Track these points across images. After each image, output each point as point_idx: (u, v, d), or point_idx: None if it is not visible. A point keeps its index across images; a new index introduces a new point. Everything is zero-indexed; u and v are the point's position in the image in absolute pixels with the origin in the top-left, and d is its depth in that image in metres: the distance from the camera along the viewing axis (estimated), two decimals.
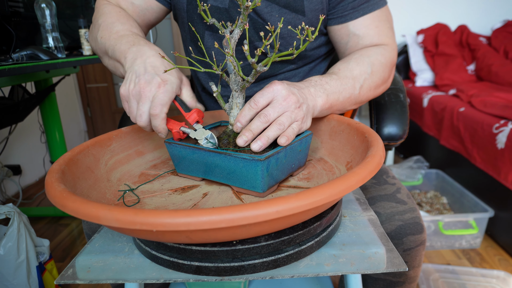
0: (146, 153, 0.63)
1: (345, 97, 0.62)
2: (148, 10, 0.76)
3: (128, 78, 0.53)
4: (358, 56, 0.66)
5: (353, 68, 0.64)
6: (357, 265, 0.42)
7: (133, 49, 0.56)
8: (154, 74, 0.51)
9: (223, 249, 0.39)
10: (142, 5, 0.75)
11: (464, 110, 1.69)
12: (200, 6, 0.48)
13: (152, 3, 0.75)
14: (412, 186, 1.84)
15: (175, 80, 0.53)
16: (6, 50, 1.19)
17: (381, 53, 0.68)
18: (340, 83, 0.61)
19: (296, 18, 0.69)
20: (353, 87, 0.63)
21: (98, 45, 0.66)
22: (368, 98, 0.68)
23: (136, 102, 0.51)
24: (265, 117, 0.49)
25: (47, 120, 1.71)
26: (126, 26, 0.65)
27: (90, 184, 0.50)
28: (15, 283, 0.99)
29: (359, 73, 0.64)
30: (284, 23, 0.70)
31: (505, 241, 1.43)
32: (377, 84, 0.68)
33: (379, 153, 0.42)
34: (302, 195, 0.33)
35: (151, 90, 0.50)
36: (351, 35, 0.71)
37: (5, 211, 1.00)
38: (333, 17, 0.71)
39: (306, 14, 0.69)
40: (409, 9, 2.48)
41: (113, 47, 0.60)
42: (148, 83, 0.50)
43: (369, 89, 0.66)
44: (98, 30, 0.66)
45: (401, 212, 0.61)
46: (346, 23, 0.70)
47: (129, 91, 0.52)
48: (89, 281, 0.41)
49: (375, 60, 0.66)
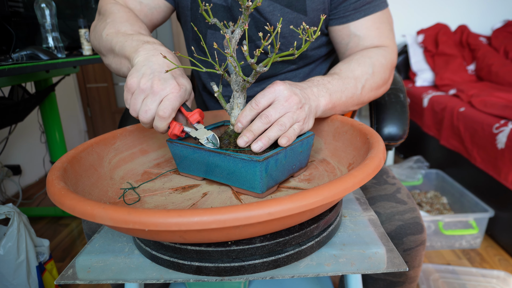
0: (150, 151, 0.63)
1: (347, 97, 0.61)
2: (156, 9, 0.75)
3: (140, 71, 0.50)
4: (359, 57, 0.66)
5: (354, 68, 0.64)
6: (357, 265, 0.42)
7: (148, 46, 0.55)
8: (171, 76, 0.50)
9: (218, 249, 0.39)
10: (150, 4, 0.74)
11: (464, 110, 1.69)
12: (202, 6, 0.48)
13: (160, 2, 0.75)
14: (412, 186, 1.84)
15: (189, 87, 0.52)
16: (6, 50, 1.19)
17: (382, 54, 0.68)
18: (342, 83, 0.61)
19: (298, 17, 0.69)
20: (355, 87, 0.63)
21: (103, 42, 0.64)
22: (370, 98, 0.68)
23: (143, 96, 0.50)
24: (266, 117, 0.49)
25: (47, 120, 1.71)
26: (135, 27, 0.64)
27: (92, 181, 0.50)
28: (15, 283, 0.99)
29: (360, 74, 0.64)
30: (285, 23, 0.70)
31: (505, 241, 1.43)
32: (378, 85, 0.68)
33: (379, 156, 0.42)
34: (296, 197, 0.33)
35: (165, 89, 0.49)
36: (352, 36, 0.71)
37: (5, 211, 1.00)
38: (334, 18, 0.71)
39: (308, 13, 0.69)
40: (409, 9, 2.48)
41: (123, 43, 0.59)
42: (163, 82, 0.49)
43: (370, 89, 0.66)
44: (105, 28, 0.65)
45: (401, 212, 0.61)
46: (347, 23, 0.70)
47: (139, 84, 0.49)
48: (89, 281, 0.41)
49: (376, 61, 0.66)
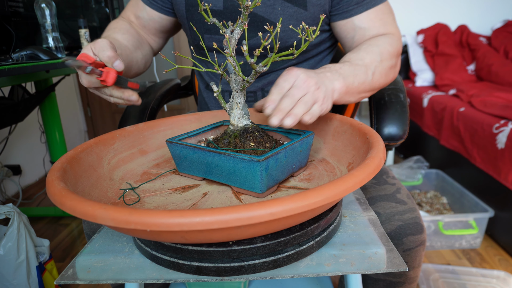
0: (149, 152, 0.63)
1: (359, 82, 0.63)
2: (151, 20, 0.84)
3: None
4: (367, 46, 0.68)
5: (363, 57, 0.66)
6: (357, 265, 0.42)
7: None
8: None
9: (219, 249, 0.39)
10: (145, 17, 0.84)
11: (464, 110, 1.69)
12: (201, 6, 0.48)
13: (153, 14, 0.83)
14: (412, 186, 1.84)
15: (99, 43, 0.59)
16: (6, 50, 1.19)
17: (388, 42, 0.70)
18: (353, 69, 0.63)
19: (298, 12, 0.70)
20: (365, 73, 0.64)
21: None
22: (381, 85, 0.70)
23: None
24: (292, 97, 0.51)
25: (47, 120, 1.71)
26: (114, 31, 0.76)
27: (92, 182, 0.50)
28: (15, 283, 0.99)
29: (370, 61, 0.66)
30: (285, 17, 0.71)
31: (505, 241, 1.43)
32: (387, 72, 0.70)
33: (379, 155, 0.42)
34: (297, 197, 0.33)
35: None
36: (357, 29, 0.72)
37: (5, 211, 1.00)
38: (337, 13, 0.72)
39: (308, 8, 0.71)
40: (409, 9, 2.48)
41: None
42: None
43: (380, 76, 0.68)
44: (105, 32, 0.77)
45: (401, 212, 0.61)
46: (351, 18, 0.72)
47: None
48: (89, 281, 0.41)
49: (383, 49, 0.68)
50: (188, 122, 0.71)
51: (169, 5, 0.81)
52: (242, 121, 0.53)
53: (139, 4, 0.83)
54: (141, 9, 0.83)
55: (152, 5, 0.82)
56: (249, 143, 0.51)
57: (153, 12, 0.82)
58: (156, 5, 0.81)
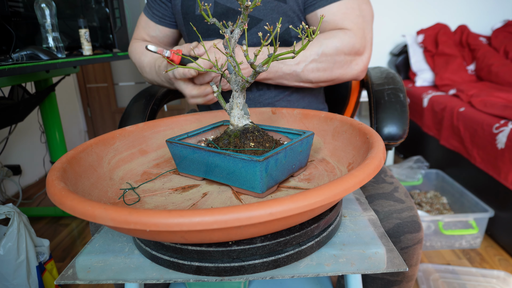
0: (149, 152, 0.63)
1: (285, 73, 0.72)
2: (165, 37, 0.92)
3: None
4: (315, 39, 0.72)
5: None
6: (357, 265, 0.42)
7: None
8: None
9: (219, 249, 0.39)
10: (159, 35, 0.92)
11: (464, 110, 1.69)
12: (201, 6, 0.48)
13: (166, 31, 0.91)
14: (412, 186, 1.84)
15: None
16: (6, 50, 1.19)
17: (339, 37, 0.72)
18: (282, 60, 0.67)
19: (279, 5, 0.76)
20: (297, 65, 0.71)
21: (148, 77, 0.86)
22: (319, 79, 0.74)
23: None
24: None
25: (47, 120, 1.71)
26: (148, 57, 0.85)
27: (92, 182, 0.50)
28: (15, 283, 0.99)
29: (309, 54, 0.71)
30: (267, 11, 0.76)
31: (505, 241, 1.43)
32: (328, 67, 0.73)
33: (379, 156, 0.42)
34: (296, 197, 0.33)
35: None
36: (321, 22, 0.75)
37: (5, 211, 1.00)
38: (307, 6, 0.77)
39: (287, 1, 0.75)
40: (409, 9, 2.48)
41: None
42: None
43: (317, 70, 0.72)
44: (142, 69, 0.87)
45: (398, 210, 0.61)
46: (315, 11, 0.76)
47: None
48: (89, 281, 0.41)
49: (329, 43, 0.72)
50: (188, 122, 0.71)
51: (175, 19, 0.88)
52: (242, 121, 0.53)
53: (150, 25, 0.90)
54: (154, 29, 0.90)
55: (162, 22, 0.89)
56: (249, 143, 0.51)
57: (165, 29, 0.90)
58: (165, 22, 0.89)
